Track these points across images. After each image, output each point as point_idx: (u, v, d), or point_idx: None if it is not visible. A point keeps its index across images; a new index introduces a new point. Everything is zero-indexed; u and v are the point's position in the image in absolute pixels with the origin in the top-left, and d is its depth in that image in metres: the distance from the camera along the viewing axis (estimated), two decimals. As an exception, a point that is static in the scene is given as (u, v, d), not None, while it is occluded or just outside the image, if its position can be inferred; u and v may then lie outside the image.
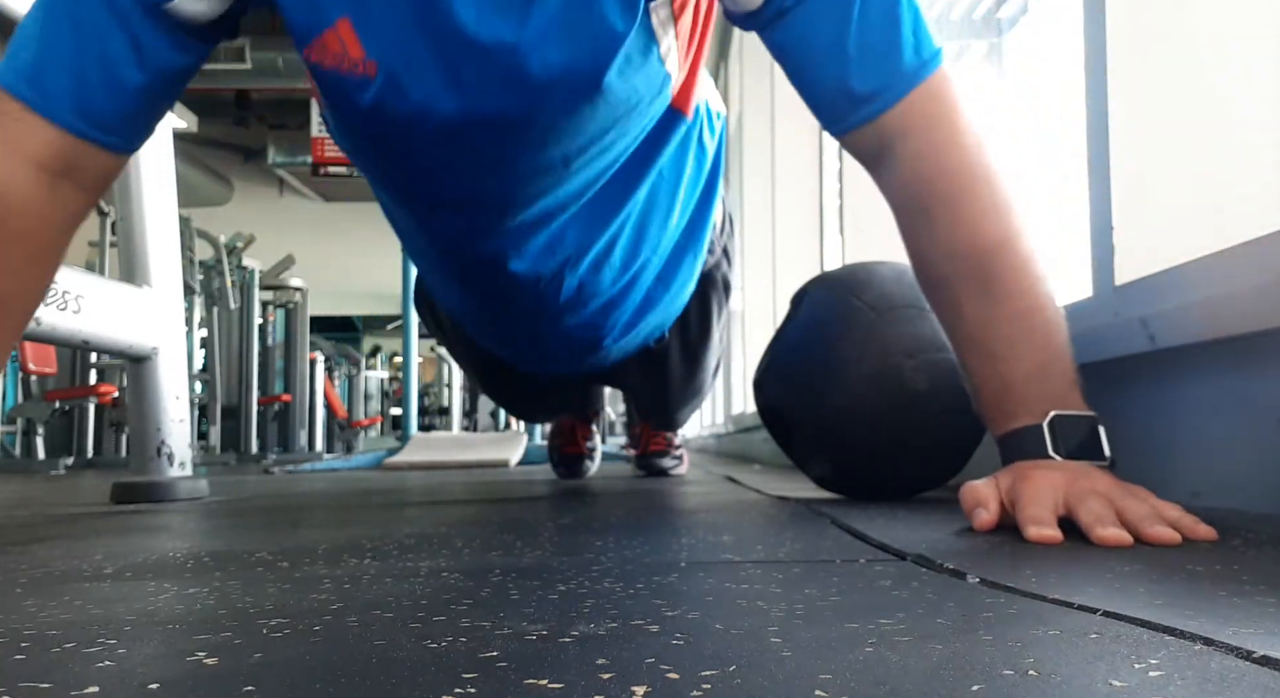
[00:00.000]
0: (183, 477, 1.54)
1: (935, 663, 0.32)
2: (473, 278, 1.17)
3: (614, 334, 1.26)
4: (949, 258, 0.78)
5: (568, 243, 1.08)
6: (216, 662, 0.34)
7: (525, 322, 1.22)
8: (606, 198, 1.06)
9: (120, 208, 1.58)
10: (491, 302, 1.22)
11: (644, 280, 1.22)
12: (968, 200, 0.78)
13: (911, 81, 0.78)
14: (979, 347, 0.77)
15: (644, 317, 1.27)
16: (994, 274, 0.76)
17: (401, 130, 0.90)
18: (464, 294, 1.25)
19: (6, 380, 6.07)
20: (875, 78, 0.78)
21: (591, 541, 0.72)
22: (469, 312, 1.33)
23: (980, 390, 0.78)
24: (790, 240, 3.27)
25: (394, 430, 9.93)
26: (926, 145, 0.79)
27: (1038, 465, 0.70)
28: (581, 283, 1.14)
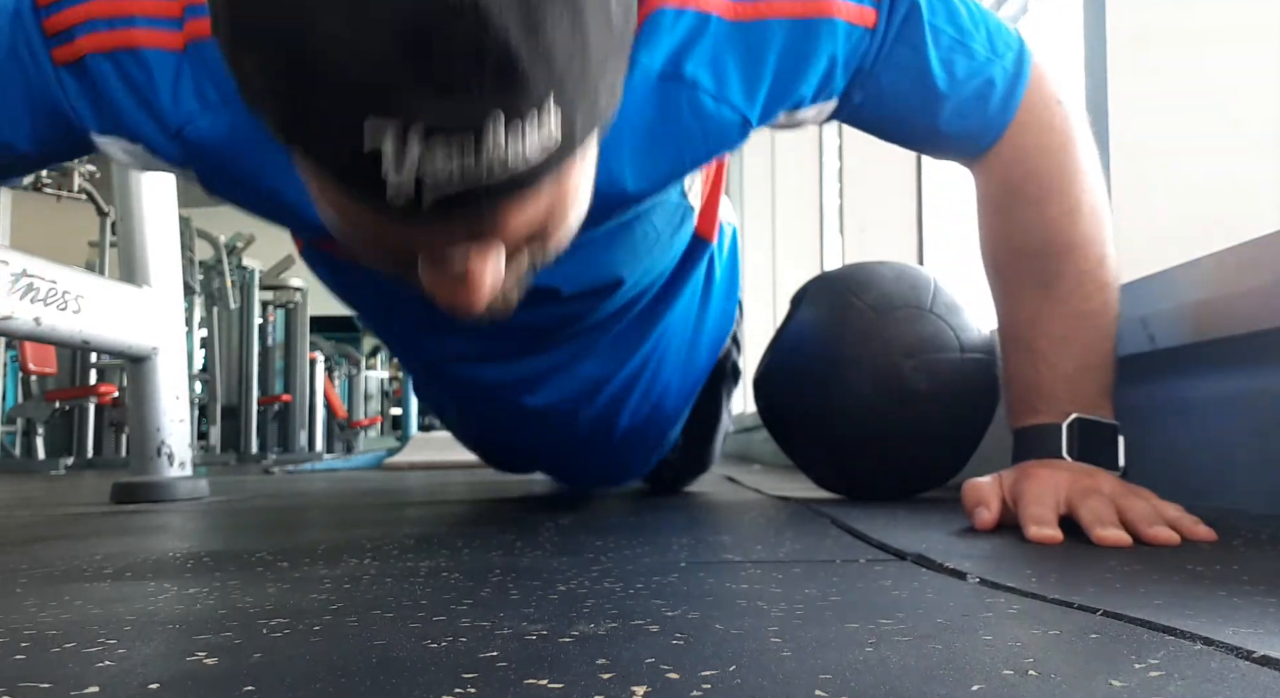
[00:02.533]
0: (183, 477, 1.54)
1: (935, 663, 0.32)
2: (476, 406, 1.09)
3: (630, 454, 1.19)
4: (1021, 253, 0.78)
5: (580, 378, 1.00)
6: (216, 662, 0.34)
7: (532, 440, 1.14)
8: (627, 335, 0.98)
9: (120, 208, 1.58)
10: (493, 425, 1.14)
11: (665, 408, 1.13)
12: (1055, 199, 0.76)
13: (1005, 117, 0.75)
14: (1024, 340, 0.77)
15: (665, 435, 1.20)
16: (1061, 274, 0.75)
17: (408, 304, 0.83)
18: (462, 415, 1.18)
19: (6, 380, 6.06)
20: (975, 122, 0.76)
21: (591, 541, 0.72)
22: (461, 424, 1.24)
23: (1012, 380, 0.77)
24: (790, 240, 3.27)
25: (394, 430, 9.92)
26: (1021, 150, 0.77)
27: (1043, 465, 0.70)
28: (601, 418, 1.05)
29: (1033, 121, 0.76)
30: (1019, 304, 0.78)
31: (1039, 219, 0.77)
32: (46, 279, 1.28)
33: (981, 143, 0.77)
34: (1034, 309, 0.76)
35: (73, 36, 0.65)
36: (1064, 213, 0.76)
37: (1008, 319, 0.79)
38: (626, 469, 1.21)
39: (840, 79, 0.71)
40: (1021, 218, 0.78)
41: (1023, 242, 0.78)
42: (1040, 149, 0.77)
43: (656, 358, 1.04)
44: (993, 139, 0.77)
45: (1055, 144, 0.77)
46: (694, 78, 0.67)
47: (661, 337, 1.03)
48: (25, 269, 1.25)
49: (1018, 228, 0.78)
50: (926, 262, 2.19)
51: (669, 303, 0.99)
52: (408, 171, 0.39)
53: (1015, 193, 0.78)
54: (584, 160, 0.49)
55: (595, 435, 1.07)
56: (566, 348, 0.96)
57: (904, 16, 0.71)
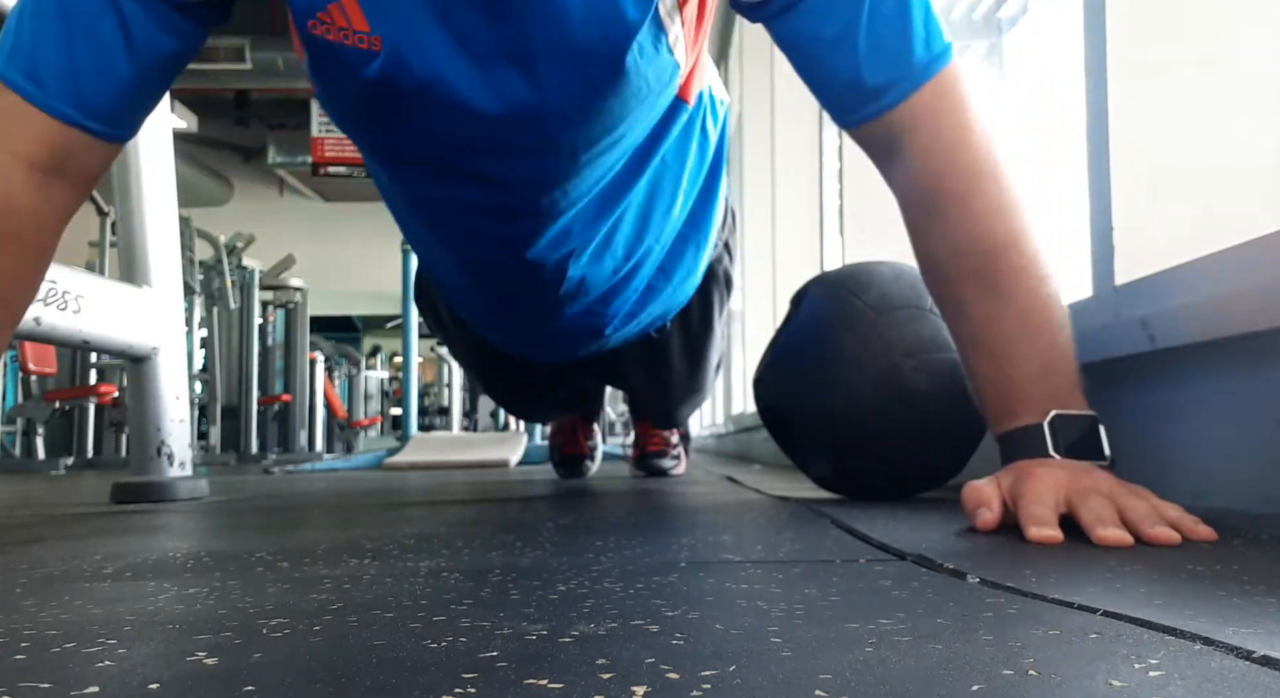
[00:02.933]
0: (183, 477, 1.54)
1: (935, 663, 0.32)
2: (473, 262, 1.15)
3: (615, 323, 1.25)
4: (955, 255, 0.78)
5: (573, 234, 1.07)
6: (216, 662, 0.34)
7: (525, 307, 1.21)
8: (611, 189, 1.05)
9: (120, 208, 1.58)
10: (491, 287, 1.20)
11: (646, 269, 1.21)
12: (976, 197, 0.77)
13: (923, 76, 0.78)
14: (983, 345, 0.77)
15: (645, 306, 1.26)
16: (1000, 272, 0.76)
17: (405, 104, 0.88)
18: (463, 279, 1.23)
19: (6, 380, 6.06)
20: (886, 71, 0.78)
21: (591, 541, 0.72)
22: (467, 298, 1.31)
23: (983, 389, 0.78)
24: (790, 240, 3.27)
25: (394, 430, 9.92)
26: (936, 140, 0.78)
27: (1040, 464, 0.70)
28: (584, 273, 1.13)
29: (946, 107, 0.78)
30: (968, 309, 0.78)
31: (966, 214, 0.78)
32: (46, 279, 1.27)
33: (895, 92, 0.78)
34: (984, 312, 0.76)
35: None
36: (989, 209, 0.77)
37: (961, 326, 0.79)
38: (603, 329, 1.27)
39: None
40: (948, 214, 0.78)
41: (954, 240, 0.78)
42: (954, 143, 0.78)
43: (635, 215, 1.11)
44: (905, 92, 0.78)
45: (969, 137, 0.78)
46: None
47: (639, 195, 1.09)
48: (25, 269, 1.24)
49: (947, 226, 0.79)
50: (926, 262, 2.19)
51: (649, 159, 1.05)
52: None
53: (937, 189, 0.79)
54: None
55: (578, 292, 1.15)
56: (558, 206, 1.01)
57: None
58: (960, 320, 0.79)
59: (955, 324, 0.81)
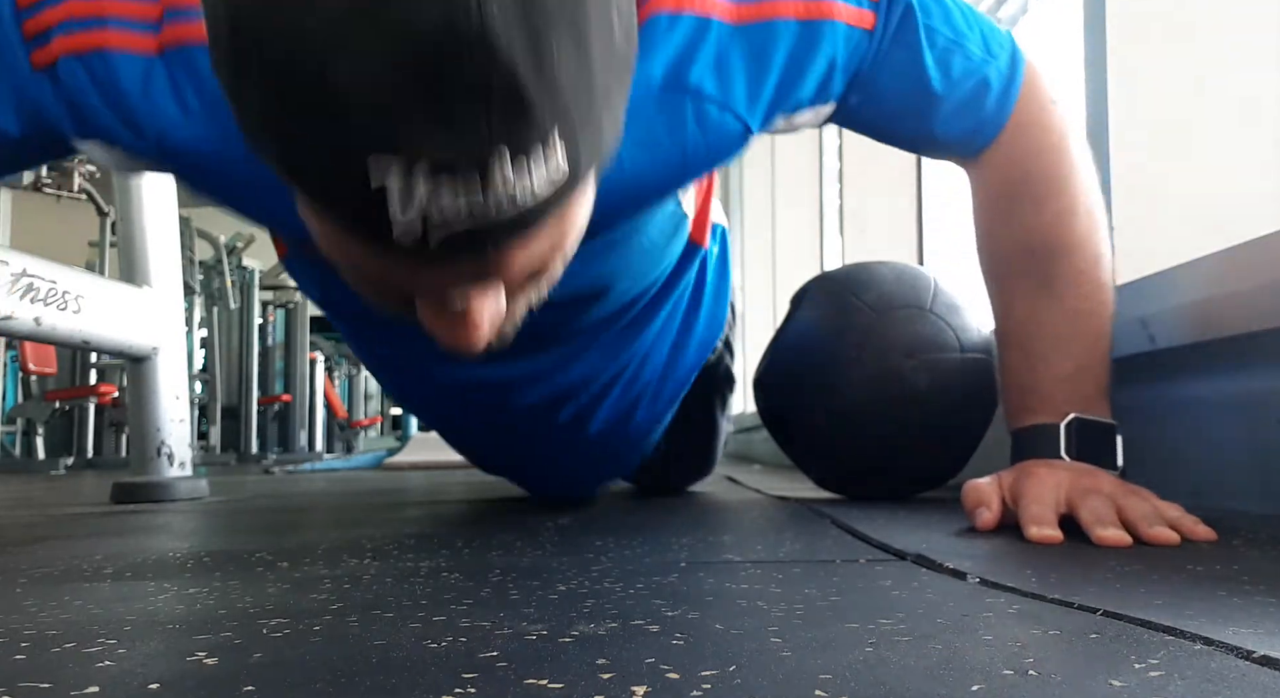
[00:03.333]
0: (183, 477, 1.54)
1: (935, 663, 0.32)
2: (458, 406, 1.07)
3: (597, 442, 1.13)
4: (1017, 254, 0.78)
5: (569, 378, 0.99)
6: (216, 662, 0.34)
7: (509, 444, 1.13)
8: (618, 339, 0.97)
9: (120, 208, 1.58)
10: (470, 426, 1.13)
11: (642, 405, 1.10)
12: (1050, 200, 0.76)
13: (1001, 118, 0.76)
14: (1021, 340, 0.77)
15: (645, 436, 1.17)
16: (1057, 274, 0.75)
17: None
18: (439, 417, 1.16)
19: (6, 380, 6.06)
20: (970, 123, 0.76)
21: (591, 541, 0.72)
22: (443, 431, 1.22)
23: (1010, 381, 0.78)
24: (790, 240, 3.27)
25: (394, 430, 9.92)
26: (1019, 153, 0.77)
27: (1042, 464, 0.70)
28: (579, 416, 1.04)
29: (1028, 122, 0.77)
30: (1015, 304, 0.78)
31: (1036, 219, 0.77)
32: (46, 279, 1.28)
33: (978, 143, 0.78)
34: (1030, 309, 0.76)
35: (48, 38, 0.64)
36: (1060, 213, 0.76)
37: (1004, 320, 0.79)
38: (600, 470, 1.19)
39: (839, 82, 0.71)
40: (1019, 218, 0.78)
41: (1020, 242, 0.78)
42: (1036, 149, 0.77)
43: (640, 360, 1.03)
44: (989, 139, 0.77)
45: (1051, 144, 0.77)
46: (698, 86, 0.66)
47: (649, 340, 1.02)
48: (25, 269, 1.25)
49: (1015, 228, 0.78)
50: (926, 262, 2.19)
51: (660, 307, 0.98)
52: (414, 210, 0.38)
53: (1012, 193, 0.78)
54: (585, 195, 0.48)
55: (572, 434, 1.06)
56: (555, 352, 0.95)
57: (900, 18, 0.70)
58: (1004, 313, 0.79)
59: (1000, 315, 0.80)
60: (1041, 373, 0.74)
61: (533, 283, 0.50)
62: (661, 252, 0.89)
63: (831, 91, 0.71)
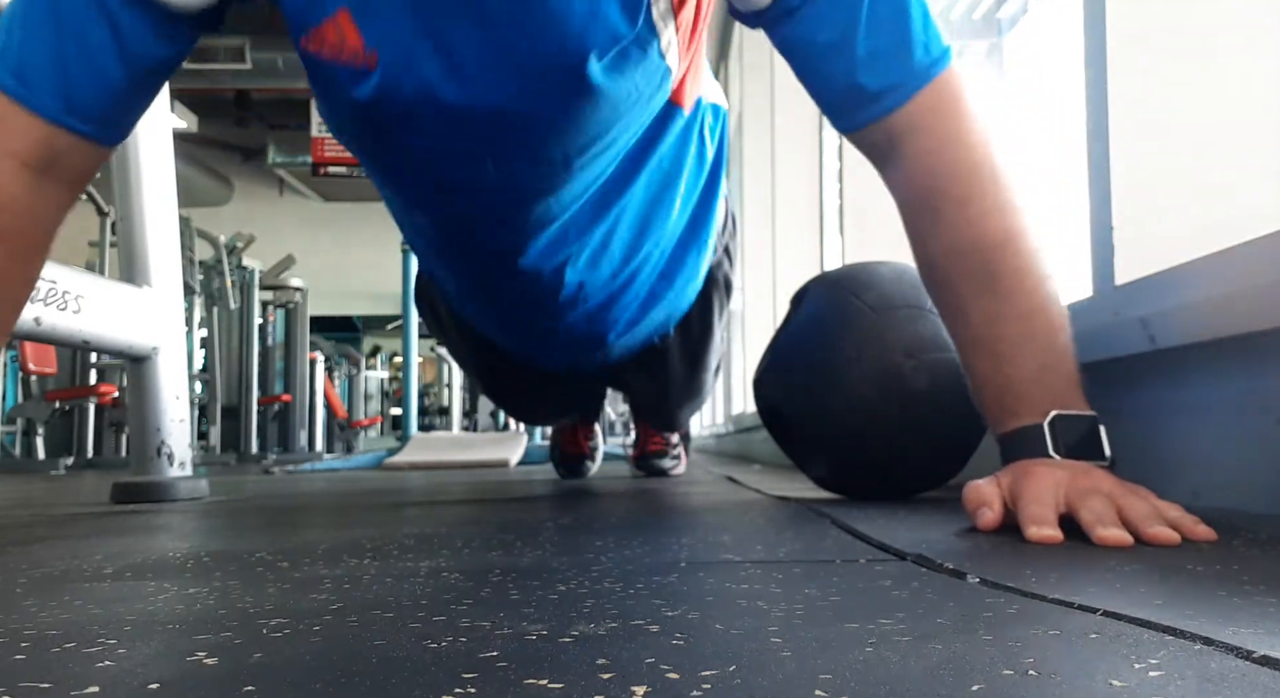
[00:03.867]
0: (183, 477, 1.54)
1: (935, 663, 0.32)
2: (474, 269, 1.16)
3: (617, 329, 1.26)
4: (954, 256, 0.79)
5: (568, 240, 1.08)
6: (216, 662, 0.34)
7: (525, 314, 1.22)
8: (605, 193, 1.06)
9: (120, 208, 1.58)
10: (493, 293, 1.21)
11: (645, 276, 1.21)
12: (975, 198, 0.78)
13: (922, 79, 0.78)
14: (982, 346, 0.77)
15: (647, 313, 1.27)
16: (998, 273, 0.76)
17: (402, 119, 0.90)
18: (465, 285, 1.24)
19: (6, 380, 6.06)
20: (885, 76, 0.78)
21: (591, 541, 0.72)
22: (468, 302, 1.32)
23: (982, 389, 0.78)
24: (790, 240, 3.27)
25: (394, 430, 9.92)
26: (935, 142, 0.79)
27: (1039, 464, 0.70)
28: (582, 279, 1.13)
29: (947, 109, 0.79)
30: (967, 310, 0.78)
31: (964, 214, 0.78)
32: (46, 279, 1.28)
33: (894, 98, 0.78)
34: (983, 313, 0.77)
35: None
36: (986, 209, 0.77)
37: (960, 328, 0.80)
38: (605, 335, 1.27)
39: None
40: (946, 218, 0.79)
41: (953, 240, 0.78)
42: (953, 141, 0.79)
43: (632, 220, 1.12)
44: (905, 96, 0.78)
45: (968, 139, 0.79)
46: None
47: (635, 200, 1.09)
48: (25, 269, 1.24)
49: (946, 227, 0.79)
50: (926, 262, 2.19)
51: (642, 163, 1.06)
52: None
53: (936, 191, 0.79)
54: None
55: (577, 300, 1.15)
56: (551, 215, 1.02)
57: None
58: (959, 321, 0.79)
59: (954, 325, 0.81)
60: (1011, 375, 0.74)
61: None
62: (646, 102, 0.95)
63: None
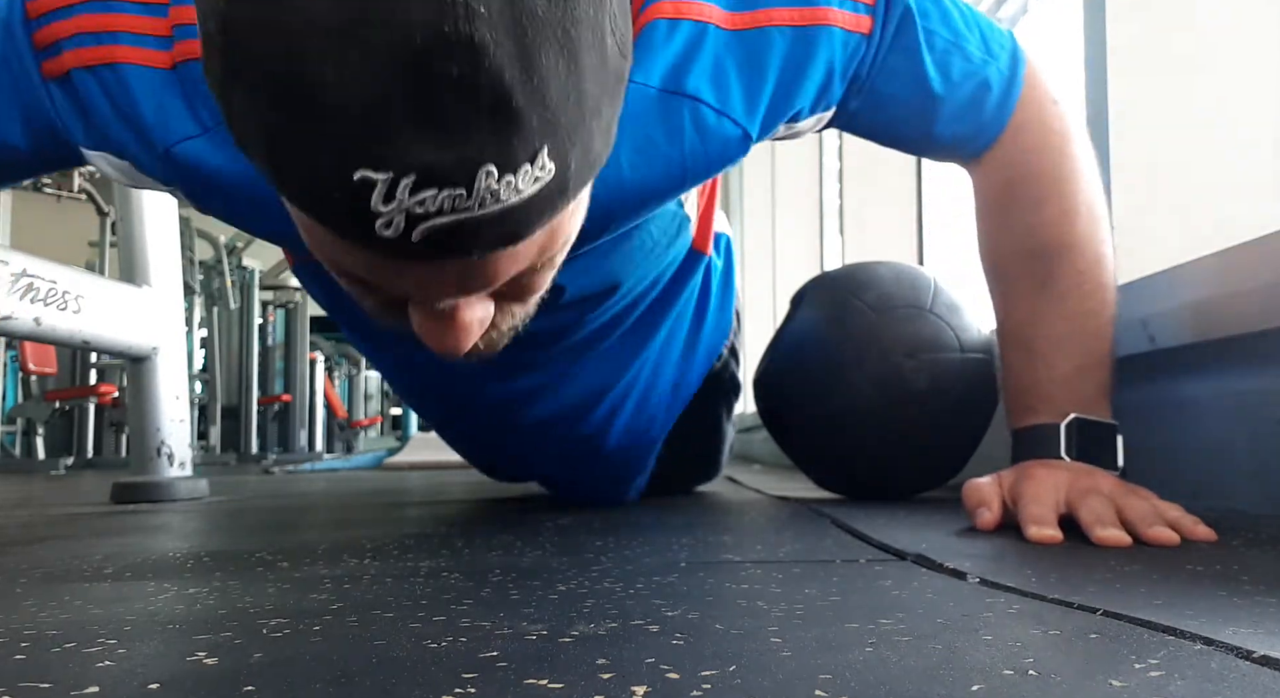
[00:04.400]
0: (183, 477, 1.54)
1: (935, 663, 0.32)
2: (471, 420, 1.07)
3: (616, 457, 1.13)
4: (1018, 255, 0.78)
5: (578, 390, 0.98)
6: (216, 662, 0.34)
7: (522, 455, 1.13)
8: (623, 346, 0.96)
9: (120, 208, 1.58)
10: (487, 438, 1.13)
11: (657, 420, 1.10)
12: (1050, 200, 0.76)
13: (1004, 116, 0.76)
14: (1023, 340, 0.77)
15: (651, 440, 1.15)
16: (1057, 275, 0.75)
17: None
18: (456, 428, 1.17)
19: (6, 380, 6.06)
20: (973, 124, 0.76)
21: (591, 541, 0.72)
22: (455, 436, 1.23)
23: (1011, 381, 0.78)
24: (790, 240, 3.27)
25: (394, 430, 9.91)
26: (1018, 151, 0.77)
27: (1042, 465, 0.70)
28: (597, 431, 1.03)
29: (1029, 122, 0.77)
30: (1017, 304, 0.78)
31: (1036, 219, 0.77)
32: (46, 279, 1.28)
33: (978, 144, 0.78)
34: (1031, 309, 0.76)
35: (59, 50, 0.64)
36: (1061, 213, 0.76)
37: (1006, 320, 0.79)
38: (617, 483, 1.18)
39: (838, 88, 0.71)
40: (1020, 218, 0.78)
41: (1021, 242, 0.78)
42: (1037, 149, 0.77)
43: (650, 370, 1.03)
44: (989, 140, 0.77)
45: (1052, 144, 0.77)
46: (696, 91, 0.65)
47: (656, 349, 1.01)
48: (25, 269, 1.25)
49: (1016, 228, 0.78)
50: (926, 262, 2.19)
51: (664, 314, 0.97)
52: (398, 223, 0.38)
53: (1013, 193, 0.78)
54: (576, 206, 0.47)
55: (588, 449, 1.05)
56: (563, 361, 0.94)
57: (899, 22, 0.70)
58: (1006, 312, 0.79)
59: (1001, 315, 0.80)
60: (1042, 373, 0.74)
61: (521, 291, 0.50)
62: (664, 251, 0.89)
63: (831, 97, 0.71)
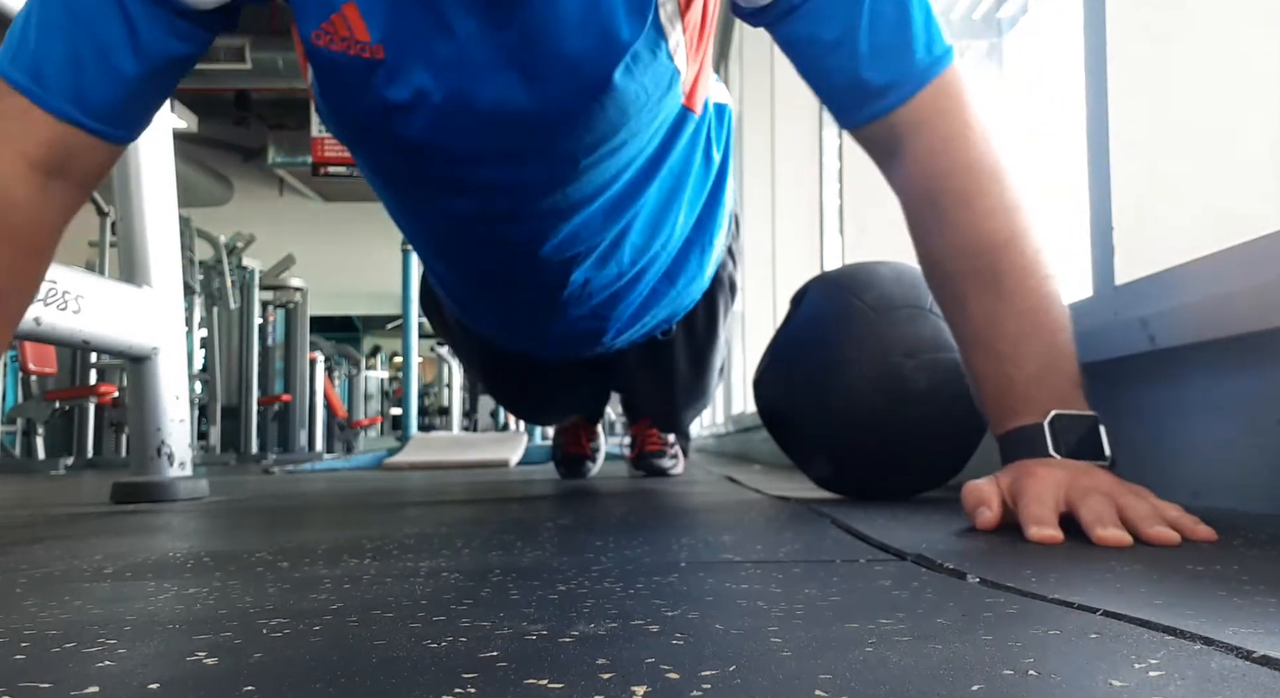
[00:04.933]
0: (183, 477, 1.54)
1: (935, 663, 0.32)
2: (477, 267, 1.16)
3: (617, 325, 1.26)
4: (957, 254, 0.79)
5: (579, 240, 1.07)
6: (216, 662, 0.34)
7: (528, 310, 1.22)
8: (619, 197, 1.05)
9: (120, 208, 1.58)
10: (495, 291, 1.21)
11: (650, 276, 1.21)
12: (977, 197, 0.78)
13: (924, 77, 0.78)
14: (983, 344, 0.77)
15: (649, 311, 1.27)
16: (1001, 271, 0.76)
17: (407, 112, 0.89)
18: (467, 283, 1.25)
19: (6, 380, 6.06)
20: (888, 73, 0.78)
21: (591, 541, 0.72)
22: (471, 300, 1.32)
23: (983, 388, 0.78)
24: (790, 240, 3.27)
25: (394, 430, 9.92)
26: (938, 140, 0.79)
27: (1040, 463, 0.70)
28: (588, 277, 1.13)
29: (950, 107, 0.79)
30: (968, 307, 0.78)
31: (967, 214, 0.78)
32: (46, 279, 1.27)
33: (896, 95, 0.78)
34: (985, 310, 0.77)
35: None
36: (990, 209, 0.77)
37: (963, 326, 0.80)
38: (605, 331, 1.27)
39: None
40: (950, 217, 0.79)
41: (956, 239, 0.79)
42: (957, 139, 0.79)
43: (642, 223, 1.12)
44: (907, 94, 0.78)
45: (970, 138, 0.79)
46: None
47: (647, 204, 1.09)
48: (25, 269, 1.24)
49: (949, 225, 0.79)
50: (926, 262, 2.19)
51: (656, 169, 1.05)
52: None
53: (939, 189, 0.79)
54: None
55: (582, 297, 1.15)
56: (569, 211, 1.02)
57: None
58: (961, 320, 0.79)
59: (956, 323, 0.81)
60: (1013, 375, 0.74)
61: None
62: (655, 106, 0.95)
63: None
